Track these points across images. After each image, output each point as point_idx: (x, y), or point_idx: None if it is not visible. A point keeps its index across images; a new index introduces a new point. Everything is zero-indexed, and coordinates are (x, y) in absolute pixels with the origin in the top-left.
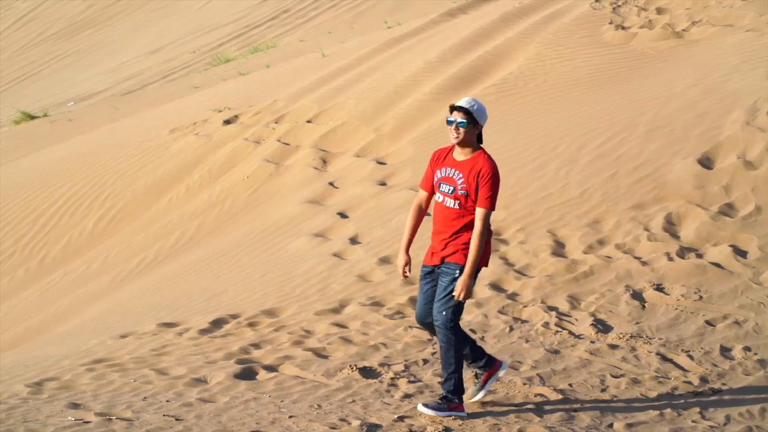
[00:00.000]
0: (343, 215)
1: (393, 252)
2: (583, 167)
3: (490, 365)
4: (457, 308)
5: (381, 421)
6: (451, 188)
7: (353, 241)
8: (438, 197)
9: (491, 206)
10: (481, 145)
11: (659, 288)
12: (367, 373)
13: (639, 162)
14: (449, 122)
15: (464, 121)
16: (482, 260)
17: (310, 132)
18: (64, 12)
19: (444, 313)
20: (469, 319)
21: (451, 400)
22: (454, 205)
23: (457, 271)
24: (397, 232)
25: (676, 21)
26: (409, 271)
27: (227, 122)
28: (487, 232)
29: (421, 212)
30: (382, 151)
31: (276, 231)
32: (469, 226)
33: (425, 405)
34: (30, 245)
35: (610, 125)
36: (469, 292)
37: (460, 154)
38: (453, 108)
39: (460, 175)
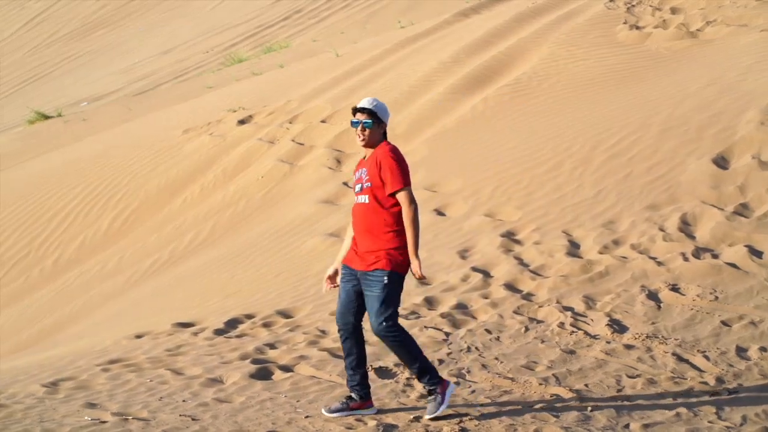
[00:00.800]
0: None
1: None
2: (598, 167)
3: (365, 398)
4: (394, 313)
5: (397, 422)
6: (359, 186)
7: None
8: (355, 200)
9: (405, 183)
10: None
11: (675, 288)
12: (383, 373)
13: (653, 162)
14: (354, 124)
15: (369, 121)
16: (401, 267)
17: (324, 132)
18: (76, 12)
19: (383, 323)
20: (484, 319)
21: (436, 387)
22: (365, 200)
23: (385, 278)
24: None
25: (690, 21)
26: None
27: (241, 122)
28: (414, 228)
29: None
30: None
31: (290, 231)
32: (384, 225)
33: (429, 411)
34: (44, 245)
35: (624, 125)
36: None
37: (367, 156)
38: (355, 110)
39: (365, 171)
